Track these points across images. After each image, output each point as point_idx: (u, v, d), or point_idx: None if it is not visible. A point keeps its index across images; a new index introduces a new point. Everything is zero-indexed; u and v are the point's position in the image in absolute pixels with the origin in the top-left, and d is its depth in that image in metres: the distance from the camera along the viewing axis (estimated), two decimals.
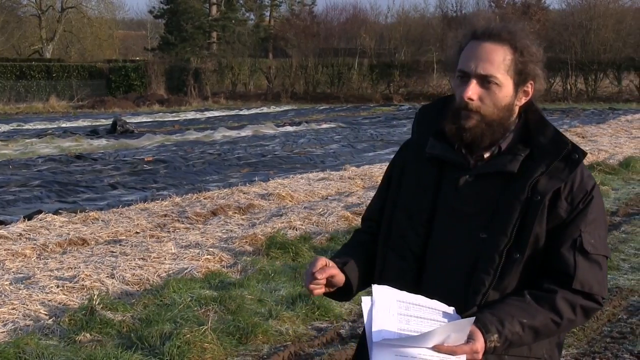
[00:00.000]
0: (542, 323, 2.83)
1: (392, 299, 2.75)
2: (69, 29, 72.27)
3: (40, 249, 10.54)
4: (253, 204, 13.63)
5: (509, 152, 2.96)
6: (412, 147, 3.15)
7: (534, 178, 2.88)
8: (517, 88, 2.97)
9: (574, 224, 2.90)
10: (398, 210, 3.06)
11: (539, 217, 2.87)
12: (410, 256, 3.02)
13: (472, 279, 2.89)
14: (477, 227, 2.93)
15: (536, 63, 3.00)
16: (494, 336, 2.73)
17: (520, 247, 2.87)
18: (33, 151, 25.15)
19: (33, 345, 6.81)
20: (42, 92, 56.07)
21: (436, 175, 3.03)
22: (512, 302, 2.84)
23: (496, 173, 2.94)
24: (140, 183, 17.65)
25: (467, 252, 2.93)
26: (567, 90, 54.36)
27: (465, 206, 2.96)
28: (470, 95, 2.90)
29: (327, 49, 63.48)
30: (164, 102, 53.90)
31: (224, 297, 8.23)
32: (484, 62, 2.91)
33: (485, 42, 2.94)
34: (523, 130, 3.02)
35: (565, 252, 2.88)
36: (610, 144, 24.32)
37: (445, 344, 2.64)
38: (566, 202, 2.90)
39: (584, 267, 2.87)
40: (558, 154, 2.92)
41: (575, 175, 2.92)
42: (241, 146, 26.12)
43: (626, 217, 13.26)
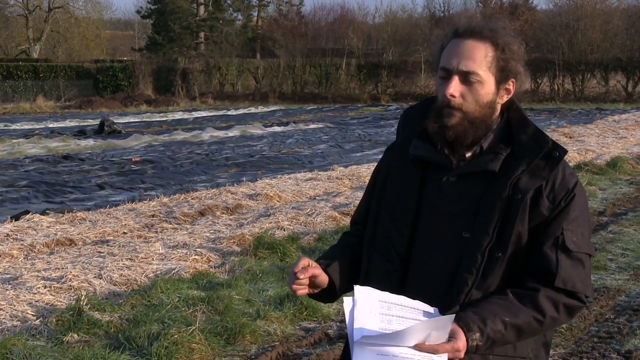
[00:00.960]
0: (525, 321, 2.83)
1: (374, 299, 2.75)
2: (56, 29, 72.11)
3: (28, 250, 10.51)
4: (241, 204, 13.63)
5: (491, 151, 2.96)
6: (396, 149, 3.15)
7: (515, 176, 2.88)
8: (498, 85, 2.96)
9: (556, 222, 2.89)
10: (383, 212, 3.06)
11: (520, 216, 2.86)
12: (395, 257, 3.01)
13: (455, 278, 2.89)
14: (460, 226, 2.92)
15: (518, 61, 2.99)
16: (476, 335, 2.72)
17: (502, 246, 2.86)
18: (20, 151, 25.10)
19: (20, 345, 6.80)
20: (29, 92, 55.94)
21: (420, 176, 3.03)
22: (495, 301, 2.84)
23: (478, 172, 2.94)
24: (127, 183, 17.63)
25: (450, 252, 2.92)
26: (555, 91, 54.53)
27: (449, 206, 2.96)
28: (452, 92, 2.90)
29: (314, 49, 63.44)
30: (152, 102, 53.84)
31: (212, 298, 8.22)
32: (466, 59, 2.91)
33: (467, 40, 2.93)
34: (504, 129, 3.01)
35: (547, 250, 2.87)
36: (598, 144, 24.38)
37: (427, 343, 2.64)
38: (548, 200, 2.89)
39: (566, 265, 2.86)
40: (539, 152, 2.91)
41: (556, 173, 2.91)
42: (229, 146, 26.12)
43: (613, 217, 13.29)
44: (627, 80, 53.75)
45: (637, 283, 9.37)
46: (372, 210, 3.10)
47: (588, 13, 57.14)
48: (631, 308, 8.40)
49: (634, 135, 27.99)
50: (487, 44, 2.93)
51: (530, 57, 56.27)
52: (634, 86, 53.33)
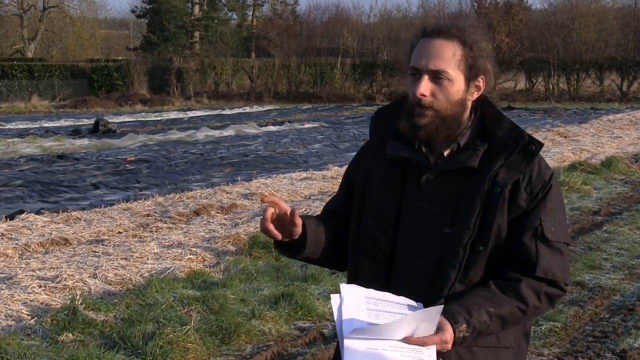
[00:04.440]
0: (509, 311, 2.89)
1: (360, 296, 2.79)
2: (51, 29, 72.01)
3: (22, 249, 10.50)
4: (236, 204, 13.62)
5: (468, 147, 3.01)
6: (372, 151, 3.18)
7: (493, 171, 2.93)
8: (468, 83, 3.00)
9: (534, 213, 2.95)
10: (365, 215, 3.09)
11: (500, 209, 2.92)
12: (381, 258, 3.05)
13: (437, 273, 2.94)
14: (441, 223, 2.97)
15: (486, 58, 3.03)
16: (463, 326, 2.78)
17: (483, 240, 2.92)
18: (15, 151, 25.06)
19: (15, 345, 6.79)
20: (24, 91, 55.80)
21: (400, 176, 3.06)
22: (479, 293, 2.89)
23: (457, 170, 2.99)
24: (122, 183, 17.61)
25: (432, 248, 2.97)
26: (549, 90, 54.55)
27: (429, 204, 3.00)
28: (423, 92, 2.94)
29: (309, 48, 63.40)
30: (147, 101, 53.75)
31: (207, 297, 8.22)
32: (435, 58, 2.95)
33: (435, 39, 2.98)
34: (480, 126, 3.06)
35: (527, 241, 2.93)
36: (592, 143, 24.42)
37: (415, 335, 2.68)
38: (526, 193, 2.95)
39: (546, 255, 2.93)
40: (516, 146, 2.97)
41: (533, 166, 2.97)
42: (224, 146, 26.10)
43: (608, 216, 13.30)
44: (621, 79, 53.76)
45: (632, 282, 9.39)
46: (354, 216, 3.12)
47: (583, 13, 57.20)
48: (626, 307, 8.41)
49: (629, 134, 28.04)
50: (455, 43, 2.97)
51: (525, 56, 56.42)
52: (628, 86, 53.37)
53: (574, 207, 14.04)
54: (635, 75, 53.45)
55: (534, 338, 7.41)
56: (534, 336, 7.44)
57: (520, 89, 55.99)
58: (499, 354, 3.00)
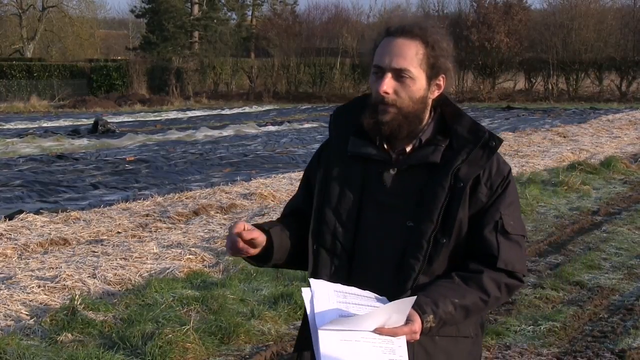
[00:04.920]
0: (472, 302, 2.98)
1: (330, 290, 2.86)
2: (50, 28, 72.03)
3: (22, 249, 10.50)
4: (235, 204, 13.62)
5: (430, 143, 3.09)
6: (332, 148, 3.23)
7: (455, 166, 3.02)
8: (429, 81, 3.07)
9: (494, 207, 3.05)
10: (326, 211, 3.14)
11: (462, 203, 3.00)
12: (342, 252, 3.12)
13: (401, 265, 3.01)
14: (403, 217, 3.04)
15: (447, 57, 3.11)
16: (430, 317, 2.85)
17: (446, 232, 3.00)
18: (14, 151, 25.06)
19: (14, 345, 6.79)
20: (23, 91, 55.82)
21: (360, 172, 3.13)
22: (443, 284, 2.98)
23: (420, 165, 3.06)
24: (121, 183, 17.60)
25: (395, 242, 3.04)
26: (549, 90, 54.60)
27: (391, 199, 3.07)
28: (386, 89, 3.02)
29: (309, 48, 63.37)
30: (146, 101, 53.77)
31: (206, 297, 8.22)
32: (397, 56, 3.02)
33: (398, 38, 3.05)
34: (440, 122, 3.14)
35: (488, 234, 3.03)
36: (592, 143, 24.43)
37: (386, 326, 2.75)
38: (486, 187, 3.04)
39: (506, 247, 3.02)
40: (476, 142, 3.06)
41: (492, 161, 3.06)
42: (223, 146, 26.10)
43: (607, 216, 13.31)
44: (621, 79, 53.82)
45: (631, 282, 9.39)
46: (316, 208, 3.17)
47: (582, 12, 57.19)
48: (625, 307, 8.41)
49: (628, 134, 28.06)
50: (417, 42, 3.04)
51: (524, 56, 56.42)
52: (627, 85, 53.43)
53: (573, 207, 14.05)
54: (635, 75, 53.52)
55: (534, 338, 7.41)
56: (534, 336, 7.45)
57: (519, 88, 56.06)
58: (459, 343, 3.09)
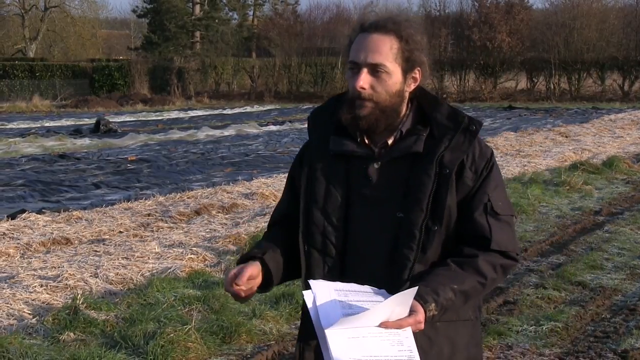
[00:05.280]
0: (471, 286, 3.00)
1: (330, 290, 2.87)
2: (52, 28, 72.08)
3: (24, 248, 10.51)
4: (236, 204, 13.62)
5: (411, 134, 3.11)
6: (313, 149, 3.25)
7: (439, 154, 3.04)
8: (405, 75, 3.10)
9: (482, 190, 3.08)
10: (313, 211, 3.15)
11: (450, 189, 3.02)
12: (333, 251, 3.13)
13: (395, 256, 3.03)
14: (392, 209, 3.06)
15: (421, 51, 3.14)
16: (432, 305, 2.87)
17: (437, 220, 3.02)
18: (16, 150, 25.08)
19: (17, 344, 6.79)
20: (26, 91, 55.85)
21: (344, 169, 3.14)
22: (440, 272, 2.99)
23: (403, 156, 3.08)
24: (123, 182, 17.62)
25: (386, 234, 3.06)
26: (551, 90, 54.54)
27: (378, 192, 3.09)
28: (362, 85, 3.04)
29: (310, 48, 63.34)
30: (148, 101, 53.79)
31: (208, 297, 8.22)
32: (373, 52, 3.05)
33: (372, 34, 3.08)
34: (419, 113, 3.17)
35: (478, 217, 3.06)
36: (594, 143, 24.41)
37: (391, 320, 2.77)
38: (471, 172, 3.07)
39: (497, 228, 3.06)
40: (457, 128, 3.08)
41: (474, 145, 3.09)
42: (225, 145, 26.11)
43: (609, 216, 13.30)
44: (623, 79, 53.78)
45: (634, 282, 9.38)
46: (303, 212, 3.17)
47: (584, 12, 57.17)
48: (627, 307, 8.40)
49: (630, 134, 28.03)
50: (391, 37, 3.07)
51: (526, 56, 56.38)
52: (630, 85, 53.39)
53: (575, 207, 14.05)
54: (637, 74, 53.48)
55: (536, 338, 7.41)
56: (535, 336, 7.45)
57: (521, 88, 56.03)
58: (459, 327, 3.12)
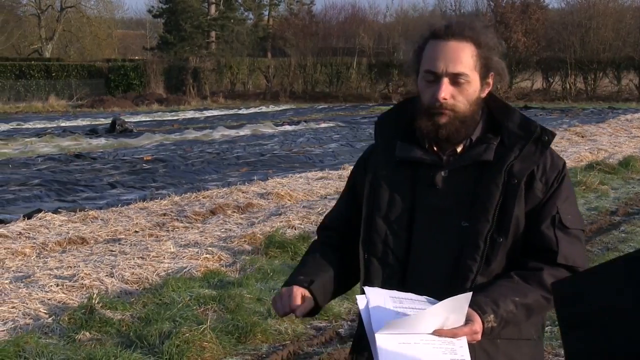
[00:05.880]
0: (534, 300, 2.90)
1: (385, 296, 2.80)
2: (68, 29, 72.32)
3: (40, 248, 10.54)
4: (252, 203, 13.62)
5: (481, 142, 3.03)
6: (379, 155, 3.17)
7: (508, 163, 2.96)
8: (482, 82, 3.03)
9: (551, 201, 2.98)
10: (376, 218, 3.08)
11: (518, 200, 2.94)
12: (394, 261, 3.05)
13: (458, 267, 2.95)
14: (458, 218, 2.98)
15: (496, 54, 3.07)
16: (490, 316, 2.78)
17: (503, 231, 2.93)
18: (32, 150, 25.16)
19: (33, 343, 6.81)
20: (42, 91, 56.07)
21: (410, 176, 3.07)
22: (502, 283, 2.90)
23: (471, 164, 3.01)
24: (139, 182, 17.65)
25: (450, 244, 2.97)
26: (567, 90, 54.39)
27: (444, 201, 3.01)
28: (444, 96, 2.94)
29: (325, 48, 63.43)
30: (163, 101, 53.91)
31: (223, 296, 8.23)
32: (453, 61, 2.95)
33: (449, 41, 2.98)
34: (489, 120, 3.09)
35: (545, 230, 2.96)
36: (610, 143, 24.31)
37: (445, 327, 2.69)
38: (541, 183, 2.98)
39: (565, 242, 2.95)
40: (528, 137, 3.00)
41: (546, 156, 3.00)
42: (240, 145, 26.12)
43: (626, 216, 13.25)
44: (639, 79, 53.55)
45: None
46: (366, 217, 3.10)
47: (600, 12, 57.00)
48: None
49: None
50: (470, 44, 2.98)
51: (542, 56, 56.25)
52: None
53: (591, 207, 14.00)
54: None
55: (551, 338, 7.38)
56: (551, 337, 7.42)
57: (537, 88, 55.87)
58: (520, 345, 3.01)
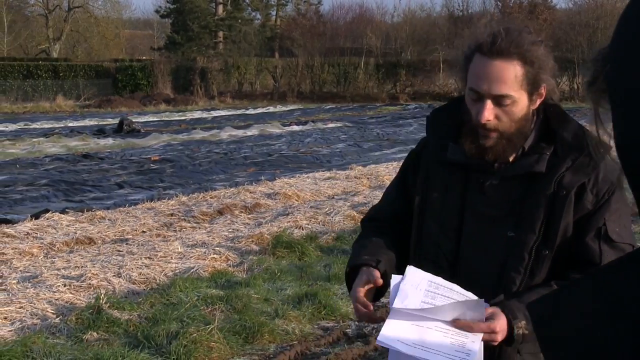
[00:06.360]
0: None
1: (424, 279, 2.79)
2: (76, 29, 72.39)
3: (48, 248, 10.56)
4: (259, 203, 13.63)
5: (533, 151, 2.95)
6: (431, 154, 3.09)
7: (559, 174, 2.87)
8: (531, 97, 2.92)
9: (599, 213, 2.88)
10: (427, 219, 3.03)
11: (566, 212, 2.86)
12: (445, 263, 3.00)
13: (502, 278, 2.90)
14: (504, 227, 2.92)
15: (546, 66, 2.94)
16: (522, 322, 2.73)
17: (549, 244, 2.86)
18: (40, 150, 25.19)
19: (40, 343, 6.83)
20: (49, 91, 56.16)
21: (462, 179, 3.01)
22: (539, 291, 2.82)
23: (523, 174, 2.93)
24: (146, 182, 17.66)
25: (496, 253, 2.92)
26: (574, 90, 54.34)
27: (492, 209, 2.95)
28: (487, 117, 2.86)
29: (333, 48, 63.38)
30: (171, 101, 53.94)
31: (230, 296, 8.24)
32: (497, 82, 2.86)
33: (494, 60, 2.87)
34: (544, 127, 3.00)
35: (590, 242, 2.87)
36: None
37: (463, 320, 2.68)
38: (592, 194, 2.88)
39: (609, 256, 2.82)
40: (583, 149, 2.89)
41: (599, 168, 2.89)
42: (247, 145, 26.13)
43: (634, 217, 13.21)
44: None
45: None
46: (416, 216, 3.06)
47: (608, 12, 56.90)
48: None
49: None
50: (515, 62, 2.86)
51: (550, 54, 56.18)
52: None
53: None
54: None
55: None
56: None
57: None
58: None
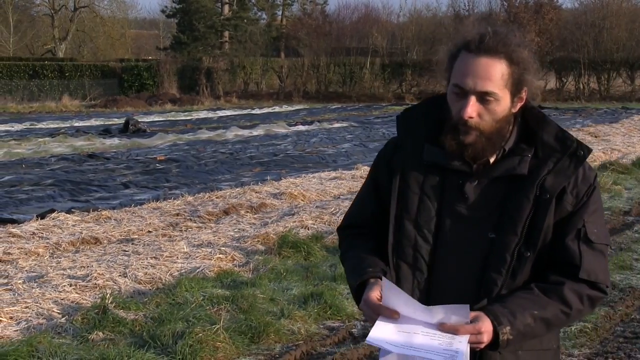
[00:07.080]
0: (553, 314, 2.85)
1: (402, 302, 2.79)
2: (82, 29, 72.49)
3: (53, 248, 10.56)
4: (265, 203, 13.63)
5: (514, 153, 2.94)
6: (406, 154, 3.05)
7: (541, 177, 2.87)
8: (513, 99, 2.92)
9: (578, 214, 2.90)
10: (404, 221, 3.00)
11: (548, 215, 2.87)
12: (423, 266, 2.99)
13: (483, 279, 2.89)
14: (485, 229, 2.91)
15: (530, 69, 2.94)
16: (506, 328, 2.74)
17: (531, 246, 2.87)
18: (46, 150, 25.21)
19: (46, 343, 6.83)
20: (55, 91, 56.30)
21: (439, 181, 2.99)
22: (522, 295, 2.85)
23: (504, 176, 2.93)
24: (152, 182, 17.66)
25: (476, 254, 2.91)
26: (580, 90, 54.31)
27: (472, 210, 2.94)
28: (470, 114, 2.85)
29: (339, 48, 63.42)
30: (176, 101, 54.01)
31: (236, 296, 8.24)
32: (482, 79, 2.85)
33: (481, 57, 2.86)
34: (523, 130, 2.99)
35: (570, 243, 2.89)
36: (623, 143, 24.26)
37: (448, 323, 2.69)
38: (571, 196, 2.90)
39: (589, 257, 2.88)
40: (564, 151, 2.91)
41: (579, 170, 2.92)
42: (253, 145, 26.13)
43: (639, 216, 13.21)
44: None
45: None
46: (392, 220, 3.02)
47: (614, 12, 56.84)
48: None
49: None
50: (502, 61, 2.87)
51: (555, 56, 56.09)
52: None
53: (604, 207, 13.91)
54: None
55: (564, 339, 7.37)
56: (564, 337, 7.41)
57: (550, 88, 55.69)
58: (541, 356, 2.98)
